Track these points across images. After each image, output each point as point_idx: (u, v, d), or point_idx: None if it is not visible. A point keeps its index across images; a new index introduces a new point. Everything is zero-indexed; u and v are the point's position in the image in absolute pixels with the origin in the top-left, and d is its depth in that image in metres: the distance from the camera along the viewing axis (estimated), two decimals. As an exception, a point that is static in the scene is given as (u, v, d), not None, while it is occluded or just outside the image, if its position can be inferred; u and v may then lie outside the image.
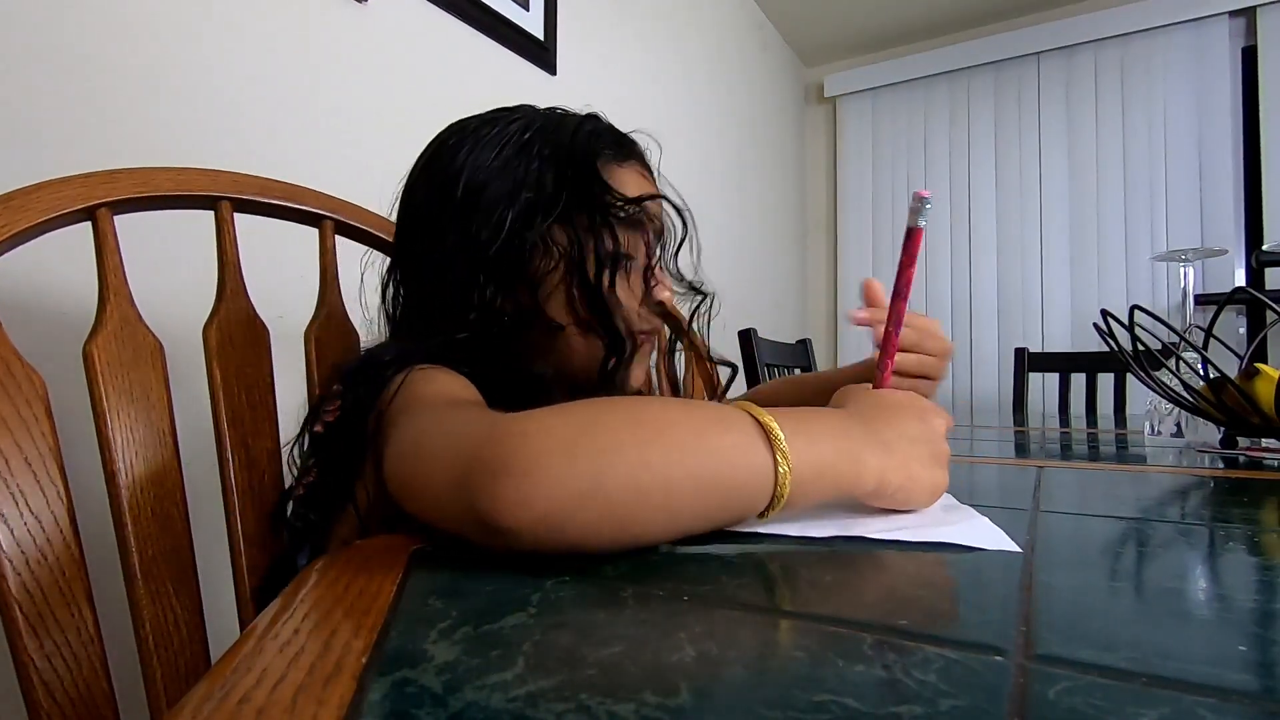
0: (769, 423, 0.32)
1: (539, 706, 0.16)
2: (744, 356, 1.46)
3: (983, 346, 2.64)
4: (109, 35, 0.80)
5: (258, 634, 0.21)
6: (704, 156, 2.22)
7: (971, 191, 2.69)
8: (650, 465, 0.29)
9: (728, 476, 0.31)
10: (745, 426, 0.32)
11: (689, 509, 0.31)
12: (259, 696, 0.17)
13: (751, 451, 0.31)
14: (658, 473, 0.29)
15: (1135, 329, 0.73)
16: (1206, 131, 2.31)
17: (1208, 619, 0.22)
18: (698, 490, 0.30)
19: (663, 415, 0.32)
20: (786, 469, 0.31)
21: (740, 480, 0.31)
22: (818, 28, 2.77)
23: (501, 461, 0.28)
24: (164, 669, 0.46)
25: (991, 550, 0.29)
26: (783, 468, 0.31)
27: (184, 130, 0.87)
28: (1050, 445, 0.86)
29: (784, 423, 0.32)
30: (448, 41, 1.27)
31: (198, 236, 0.62)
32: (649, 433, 0.30)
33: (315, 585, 0.26)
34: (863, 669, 0.18)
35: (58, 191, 0.47)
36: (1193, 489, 0.50)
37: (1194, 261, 0.83)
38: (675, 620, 0.22)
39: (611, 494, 0.28)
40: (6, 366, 0.42)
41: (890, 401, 0.40)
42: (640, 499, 0.29)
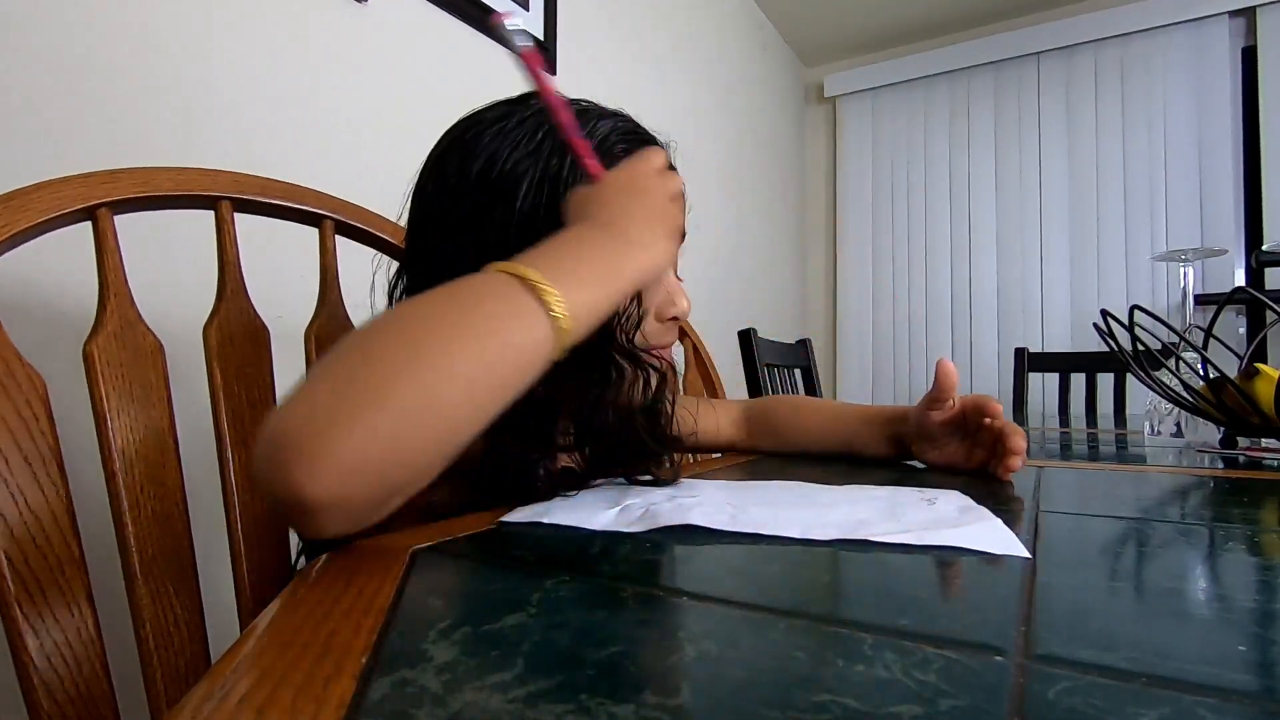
0: (523, 272, 0.32)
1: (539, 706, 0.16)
2: (744, 356, 1.46)
3: (983, 346, 2.64)
4: (109, 35, 0.80)
5: (258, 634, 0.21)
6: (704, 156, 2.22)
7: (971, 191, 2.69)
8: (425, 384, 0.28)
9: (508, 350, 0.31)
10: (504, 291, 0.32)
11: (484, 395, 0.30)
12: (259, 696, 0.17)
13: (520, 314, 0.31)
14: (436, 389, 0.29)
15: (1135, 329, 0.73)
16: (1206, 131, 2.31)
17: (1207, 619, 0.22)
18: (487, 377, 0.30)
19: (420, 323, 0.31)
20: (561, 311, 0.32)
21: (519, 343, 0.31)
22: (818, 28, 2.77)
23: (278, 450, 0.27)
24: (164, 669, 0.46)
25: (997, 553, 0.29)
26: (557, 311, 0.32)
27: (184, 130, 0.87)
28: (1050, 445, 0.86)
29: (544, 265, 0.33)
30: (448, 41, 1.27)
31: (198, 236, 0.62)
32: (409, 351, 0.29)
33: (315, 585, 0.26)
34: (863, 669, 0.18)
35: (58, 191, 0.47)
36: (1192, 489, 0.50)
37: (1194, 261, 0.83)
38: (675, 620, 0.22)
39: (400, 430, 0.28)
40: (6, 366, 0.42)
41: (628, 194, 0.41)
42: (432, 416, 0.29)
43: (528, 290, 0.32)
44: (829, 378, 2.94)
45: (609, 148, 0.49)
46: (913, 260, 2.80)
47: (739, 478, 0.52)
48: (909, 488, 0.43)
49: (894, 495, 0.40)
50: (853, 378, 2.89)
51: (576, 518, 0.35)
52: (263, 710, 0.16)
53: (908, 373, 2.79)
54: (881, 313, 2.86)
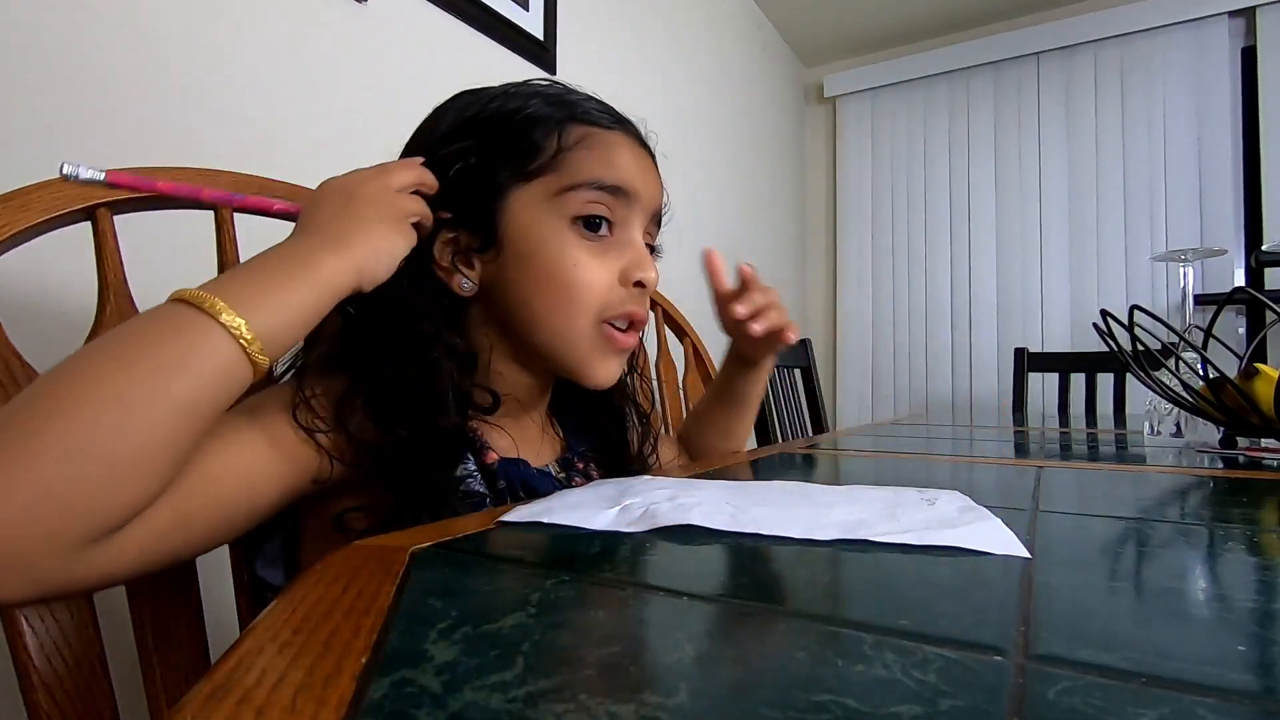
0: (193, 295, 0.32)
1: (539, 706, 0.16)
2: (744, 356, 1.46)
3: (982, 346, 2.64)
4: (109, 35, 0.80)
5: (258, 634, 0.21)
6: (704, 156, 2.22)
7: (971, 191, 2.69)
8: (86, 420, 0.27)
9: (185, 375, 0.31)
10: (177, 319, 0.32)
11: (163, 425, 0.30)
12: (259, 696, 0.17)
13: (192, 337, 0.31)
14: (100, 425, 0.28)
15: (1135, 329, 0.73)
16: (1206, 131, 2.31)
17: (1207, 619, 0.22)
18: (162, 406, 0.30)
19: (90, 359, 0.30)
20: (242, 328, 0.32)
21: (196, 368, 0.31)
22: (817, 28, 2.77)
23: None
24: (164, 669, 0.46)
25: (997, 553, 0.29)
26: (237, 329, 0.32)
27: (184, 130, 0.87)
28: (1050, 445, 0.86)
29: (228, 284, 0.33)
30: (448, 41, 1.27)
31: (198, 236, 0.62)
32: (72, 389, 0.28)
33: (315, 585, 0.26)
34: (863, 669, 0.18)
35: (58, 191, 0.47)
36: (1192, 489, 0.50)
37: (1193, 261, 0.83)
38: (675, 620, 0.22)
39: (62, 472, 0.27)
40: (6, 366, 0.42)
41: (337, 195, 0.42)
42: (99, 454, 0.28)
43: (202, 313, 0.32)
44: (829, 378, 2.94)
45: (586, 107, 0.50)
46: (913, 260, 2.80)
47: (739, 478, 0.52)
48: (909, 488, 0.43)
49: (894, 495, 0.40)
50: (853, 378, 2.89)
51: (576, 518, 0.35)
52: (263, 710, 0.16)
53: (908, 373, 2.79)
54: (881, 313, 2.86)
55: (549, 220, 0.48)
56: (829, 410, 2.65)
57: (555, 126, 0.49)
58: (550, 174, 0.48)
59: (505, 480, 0.48)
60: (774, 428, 1.44)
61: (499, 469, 0.48)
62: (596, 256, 0.49)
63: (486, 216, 0.48)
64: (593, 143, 0.49)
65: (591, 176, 0.48)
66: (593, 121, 0.50)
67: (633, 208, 0.50)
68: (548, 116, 0.49)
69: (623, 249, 0.50)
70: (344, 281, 0.38)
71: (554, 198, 0.48)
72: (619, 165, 0.49)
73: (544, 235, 0.48)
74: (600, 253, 0.49)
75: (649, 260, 0.51)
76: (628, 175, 0.49)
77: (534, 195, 0.48)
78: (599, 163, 0.48)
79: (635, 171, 0.50)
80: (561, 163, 0.48)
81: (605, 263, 0.49)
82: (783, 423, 1.50)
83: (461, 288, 0.49)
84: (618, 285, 0.50)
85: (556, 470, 0.55)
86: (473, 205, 0.48)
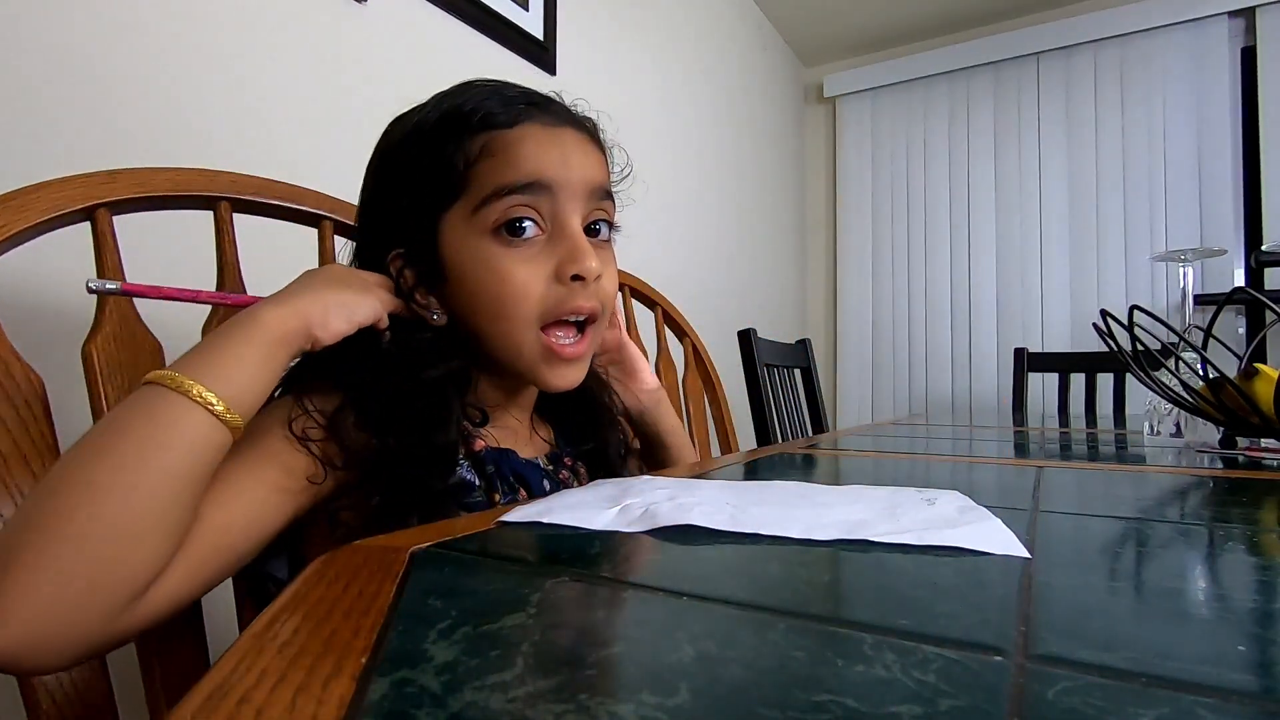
0: (165, 376, 0.35)
1: (539, 706, 0.16)
2: (744, 356, 1.46)
3: (982, 347, 2.64)
4: (108, 35, 0.80)
5: (258, 634, 0.21)
6: (703, 156, 2.22)
7: (971, 191, 2.69)
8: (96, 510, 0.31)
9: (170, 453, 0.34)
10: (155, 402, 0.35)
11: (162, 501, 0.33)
12: (259, 696, 0.17)
13: (175, 416, 0.34)
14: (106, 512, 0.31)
15: (1134, 329, 0.73)
16: (1206, 131, 2.31)
17: (1207, 619, 0.22)
18: (156, 485, 0.33)
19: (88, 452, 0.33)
20: (211, 399, 0.35)
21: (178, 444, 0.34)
22: (817, 28, 2.77)
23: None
24: (164, 669, 0.46)
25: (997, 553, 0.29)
26: (207, 400, 0.35)
27: (184, 130, 0.86)
28: (1050, 445, 0.86)
29: (193, 359, 0.37)
30: (447, 41, 1.27)
31: (197, 236, 0.62)
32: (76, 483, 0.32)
33: (315, 585, 0.26)
34: (863, 669, 0.18)
35: (57, 191, 0.47)
36: (1192, 489, 0.50)
37: (1193, 262, 0.83)
38: (675, 620, 0.22)
39: (78, 561, 0.30)
40: (6, 367, 0.42)
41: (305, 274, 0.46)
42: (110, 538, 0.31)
43: (174, 392, 0.35)
44: (829, 378, 2.94)
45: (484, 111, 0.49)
46: (913, 260, 2.80)
47: (739, 478, 0.52)
48: (909, 488, 0.43)
49: (894, 495, 0.40)
50: (853, 378, 2.89)
51: (576, 518, 0.35)
52: (263, 710, 0.16)
53: (908, 373, 2.79)
54: (881, 313, 2.86)
55: (473, 239, 0.48)
56: (829, 410, 2.65)
57: (459, 143, 0.48)
58: (466, 193, 0.48)
59: (494, 465, 0.49)
60: (774, 428, 1.44)
61: (486, 455, 0.49)
62: (525, 262, 0.47)
63: (428, 247, 0.49)
64: (494, 148, 0.48)
65: (499, 184, 0.47)
66: (492, 125, 0.48)
67: (557, 197, 0.48)
68: (452, 135, 0.48)
69: (557, 245, 0.48)
70: (289, 328, 0.40)
71: (473, 215, 0.47)
72: (525, 161, 0.47)
73: (472, 255, 0.48)
74: (529, 257, 0.48)
75: (583, 250, 0.48)
76: (537, 167, 0.47)
77: (457, 218, 0.48)
78: (504, 167, 0.47)
79: (549, 160, 0.48)
80: (471, 178, 0.48)
81: (536, 265, 0.48)
82: (783, 423, 1.50)
83: (432, 319, 0.50)
84: (554, 284, 0.48)
85: (545, 463, 0.55)
86: (415, 241, 0.49)
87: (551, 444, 0.59)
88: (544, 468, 0.54)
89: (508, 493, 0.49)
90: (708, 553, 0.30)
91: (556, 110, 0.51)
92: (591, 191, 0.50)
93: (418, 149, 0.49)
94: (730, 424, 1.23)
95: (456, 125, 0.49)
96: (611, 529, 0.33)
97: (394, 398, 0.45)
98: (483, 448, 0.50)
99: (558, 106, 0.52)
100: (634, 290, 1.09)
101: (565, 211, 0.48)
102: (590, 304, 0.49)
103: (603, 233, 0.53)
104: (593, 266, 0.47)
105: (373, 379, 0.45)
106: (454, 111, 0.49)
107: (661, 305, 1.15)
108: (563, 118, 0.51)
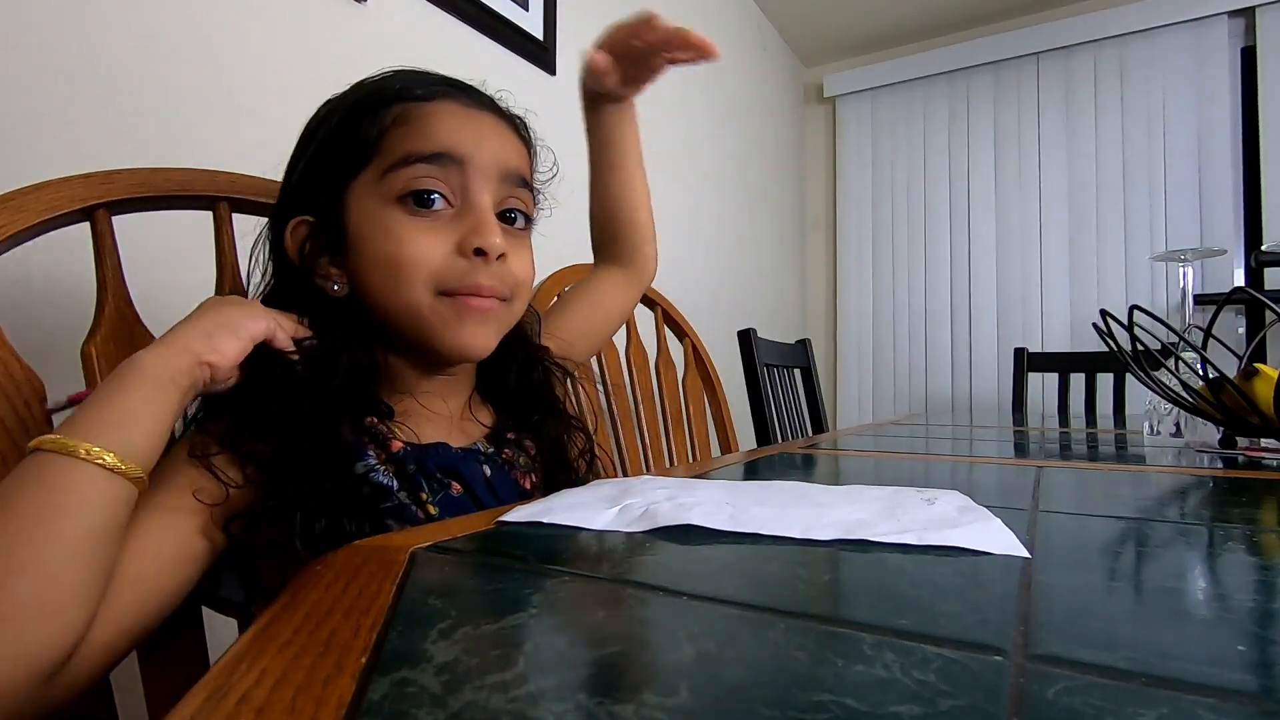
0: (49, 440, 0.34)
1: (539, 706, 0.16)
2: (744, 356, 1.46)
3: (982, 346, 2.64)
4: (108, 35, 0.80)
5: (258, 634, 0.21)
6: (703, 156, 2.22)
7: (971, 191, 2.69)
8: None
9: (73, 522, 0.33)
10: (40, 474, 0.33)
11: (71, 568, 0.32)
12: (259, 696, 0.17)
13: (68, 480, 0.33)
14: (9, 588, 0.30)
15: (1134, 329, 0.73)
16: (1206, 131, 2.31)
17: (1207, 619, 0.22)
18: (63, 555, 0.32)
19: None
20: (103, 455, 0.34)
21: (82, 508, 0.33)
22: (817, 28, 2.77)
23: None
24: (164, 669, 0.46)
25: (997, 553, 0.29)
26: (99, 458, 0.34)
27: (184, 130, 0.86)
28: (1049, 445, 0.86)
29: (80, 419, 0.36)
30: (447, 41, 1.27)
31: (197, 236, 0.62)
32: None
33: (315, 585, 0.26)
34: (863, 669, 0.18)
35: (57, 191, 0.47)
36: (1192, 489, 0.50)
37: (1193, 261, 0.83)
38: (675, 620, 0.22)
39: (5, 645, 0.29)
40: (5, 367, 0.42)
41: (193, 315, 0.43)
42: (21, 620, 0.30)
43: (63, 456, 0.34)
44: (829, 378, 2.94)
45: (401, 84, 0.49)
46: (913, 260, 2.80)
47: (739, 478, 0.52)
48: (909, 488, 0.43)
49: (893, 495, 0.40)
50: (852, 378, 2.89)
51: (576, 518, 0.35)
52: (263, 710, 0.16)
53: (908, 373, 2.79)
54: (881, 313, 2.86)
55: (377, 205, 0.47)
56: (829, 410, 2.65)
57: (374, 113, 0.48)
58: (375, 160, 0.47)
59: (415, 465, 0.47)
60: (774, 428, 1.44)
61: (406, 455, 0.47)
62: (427, 232, 0.46)
63: (334, 215, 0.48)
64: (409, 117, 0.47)
65: (408, 150, 0.46)
66: (411, 98, 0.48)
67: (467, 172, 0.47)
68: (369, 106, 0.48)
69: (463, 219, 0.47)
70: (173, 366, 0.39)
71: (379, 182, 0.47)
72: (438, 133, 0.47)
73: (373, 220, 0.47)
74: (433, 228, 0.47)
75: (490, 226, 0.47)
76: (450, 141, 0.47)
77: (364, 185, 0.47)
78: (415, 135, 0.47)
79: (462, 136, 0.47)
80: (382, 146, 0.47)
81: (438, 236, 0.47)
82: (783, 423, 1.50)
83: (332, 289, 0.49)
84: (455, 257, 0.47)
85: (485, 446, 0.53)
86: (322, 206, 0.48)
87: (493, 420, 0.56)
88: (483, 452, 0.52)
89: (437, 490, 0.47)
90: (708, 553, 0.30)
91: (478, 96, 0.51)
92: (505, 174, 0.49)
93: (334, 118, 0.49)
94: (730, 424, 1.23)
95: (373, 98, 0.49)
96: (611, 529, 0.33)
97: (278, 400, 0.44)
98: (400, 448, 0.47)
99: (480, 94, 0.52)
100: (634, 290, 1.09)
101: (475, 188, 0.48)
102: (491, 283, 0.48)
103: (518, 221, 0.52)
104: (496, 243, 0.46)
105: (259, 388, 0.44)
106: (373, 88, 0.50)
107: (661, 305, 1.15)
108: (484, 104, 0.51)
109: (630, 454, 1.03)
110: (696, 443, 1.17)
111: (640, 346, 1.11)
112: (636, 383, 1.09)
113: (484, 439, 0.54)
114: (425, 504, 0.46)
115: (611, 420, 1.03)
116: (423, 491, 0.46)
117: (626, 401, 1.07)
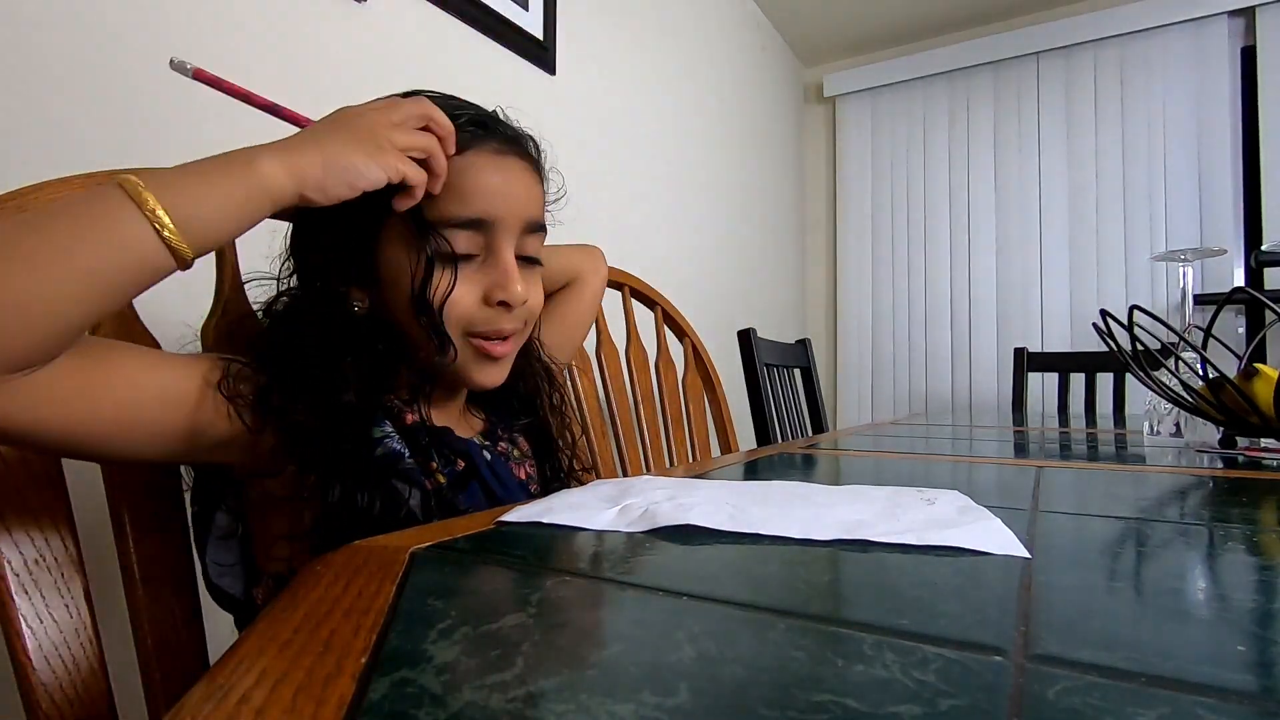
0: (129, 182, 0.35)
1: (539, 706, 0.16)
2: (743, 356, 1.46)
3: (982, 346, 2.64)
4: (110, 35, 0.80)
5: (258, 634, 0.21)
6: (703, 156, 2.22)
7: (971, 191, 2.69)
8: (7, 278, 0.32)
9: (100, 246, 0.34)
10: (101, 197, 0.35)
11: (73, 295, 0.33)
12: (259, 696, 0.17)
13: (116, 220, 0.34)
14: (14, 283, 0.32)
15: (1134, 329, 0.73)
16: (1206, 131, 2.31)
17: (1207, 619, 0.22)
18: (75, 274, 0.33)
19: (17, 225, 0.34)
20: (160, 214, 0.35)
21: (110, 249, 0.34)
22: (817, 28, 2.77)
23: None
24: (163, 669, 0.46)
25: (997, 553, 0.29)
26: (154, 214, 0.35)
27: (184, 129, 0.86)
28: (1049, 445, 0.86)
29: (168, 173, 0.37)
30: (447, 41, 1.27)
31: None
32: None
33: (315, 585, 0.26)
34: (863, 669, 0.18)
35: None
36: (1192, 489, 0.50)
37: (1193, 261, 0.83)
38: (675, 620, 0.22)
39: None
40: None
41: (331, 118, 0.45)
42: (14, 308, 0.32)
43: (127, 197, 0.35)
44: (829, 378, 2.94)
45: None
46: (913, 260, 2.80)
47: (739, 478, 0.52)
48: (909, 488, 0.43)
49: (893, 495, 0.40)
50: (852, 378, 2.89)
51: (576, 518, 0.35)
52: (263, 710, 0.16)
53: (908, 372, 2.79)
54: (881, 313, 2.86)
55: (411, 251, 0.48)
56: (829, 410, 2.65)
57: None
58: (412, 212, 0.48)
59: (429, 438, 0.50)
60: (774, 428, 1.44)
61: (419, 429, 0.50)
62: (460, 282, 0.49)
63: (365, 248, 0.50)
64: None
65: (446, 215, 0.48)
66: None
67: (495, 230, 0.50)
68: None
69: (489, 270, 0.50)
70: (279, 184, 0.40)
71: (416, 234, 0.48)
72: (473, 198, 0.49)
73: (407, 263, 0.48)
74: (464, 277, 0.49)
75: (513, 278, 0.50)
76: (484, 207, 0.49)
77: (399, 230, 0.49)
78: (453, 198, 0.48)
79: (494, 200, 0.50)
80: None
81: (468, 286, 0.50)
82: (783, 423, 1.50)
83: (353, 307, 0.51)
84: (482, 305, 0.50)
85: (481, 440, 0.57)
86: (353, 237, 0.50)
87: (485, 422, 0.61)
88: (481, 444, 0.56)
89: (445, 464, 0.50)
90: (708, 553, 0.30)
91: (504, 134, 0.53)
92: (526, 225, 0.52)
93: None
94: (730, 424, 1.23)
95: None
96: (611, 529, 0.33)
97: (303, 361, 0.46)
98: (414, 420, 0.51)
99: (505, 129, 0.53)
100: (634, 290, 1.09)
101: (501, 242, 0.50)
102: (513, 325, 0.52)
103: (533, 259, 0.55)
104: (519, 292, 0.50)
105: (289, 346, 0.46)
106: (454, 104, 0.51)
107: (661, 305, 1.15)
108: (510, 145, 0.52)
109: (630, 454, 1.03)
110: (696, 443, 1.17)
111: (640, 346, 1.11)
112: (636, 383, 1.09)
113: (479, 434, 0.58)
114: (435, 473, 0.49)
115: (611, 420, 1.03)
116: (433, 461, 0.49)
117: (626, 401, 1.07)
